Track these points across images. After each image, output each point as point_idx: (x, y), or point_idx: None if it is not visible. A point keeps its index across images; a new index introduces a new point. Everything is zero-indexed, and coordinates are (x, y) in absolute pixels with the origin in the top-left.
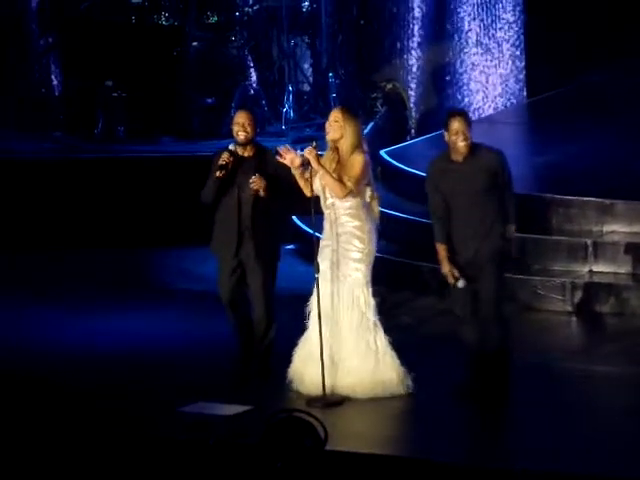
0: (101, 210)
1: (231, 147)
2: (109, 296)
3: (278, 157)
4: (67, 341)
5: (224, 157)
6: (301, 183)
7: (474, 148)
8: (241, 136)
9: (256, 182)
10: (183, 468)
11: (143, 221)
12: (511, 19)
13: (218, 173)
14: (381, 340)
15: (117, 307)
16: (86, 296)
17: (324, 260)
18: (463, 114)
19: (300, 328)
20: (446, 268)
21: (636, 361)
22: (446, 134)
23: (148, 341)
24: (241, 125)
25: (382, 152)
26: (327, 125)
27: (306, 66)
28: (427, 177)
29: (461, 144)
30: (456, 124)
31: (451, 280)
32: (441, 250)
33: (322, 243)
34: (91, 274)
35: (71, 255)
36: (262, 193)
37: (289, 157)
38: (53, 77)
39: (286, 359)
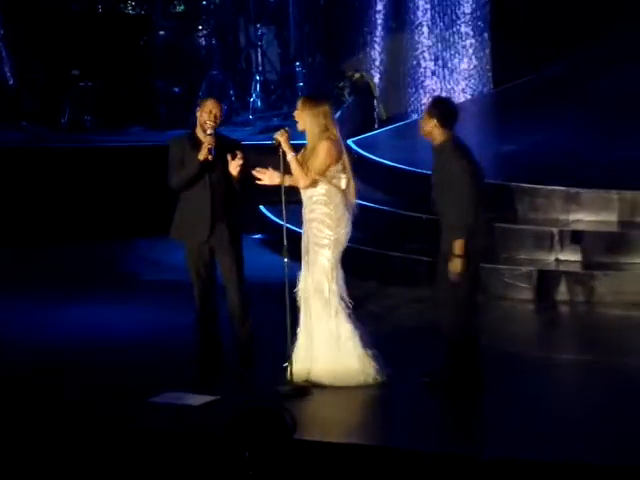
0: (69, 200)
1: (210, 131)
2: (78, 287)
3: (257, 182)
4: (35, 332)
5: (211, 141)
6: (293, 183)
7: (448, 144)
8: (210, 125)
9: (238, 163)
10: (151, 458)
11: (111, 211)
12: (477, 10)
13: (202, 157)
14: (344, 327)
15: (86, 297)
16: (55, 287)
17: (303, 247)
18: (432, 102)
19: (269, 316)
20: None
21: (603, 349)
22: None
23: (117, 331)
24: (213, 115)
25: (349, 141)
26: (295, 115)
27: (273, 55)
28: None
29: (419, 127)
30: (424, 109)
31: None
32: None
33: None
34: (60, 265)
35: (39, 246)
36: (236, 175)
37: (267, 176)
38: (20, 67)
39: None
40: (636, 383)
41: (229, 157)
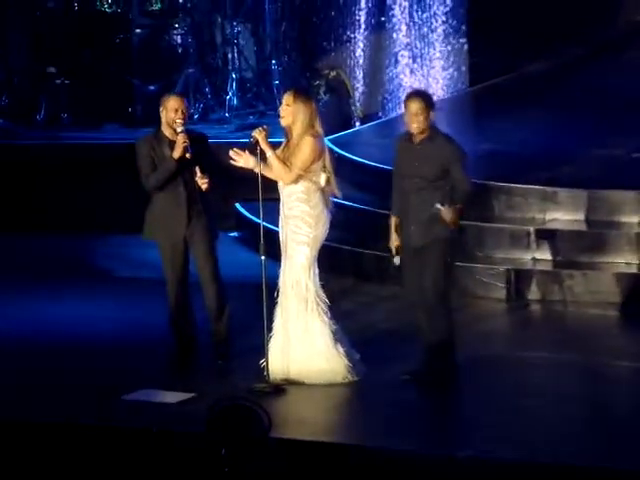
0: (43, 196)
1: (180, 129)
2: (50, 282)
3: (232, 162)
4: (6, 327)
5: (184, 139)
6: (267, 174)
7: (434, 134)
8: (179, 123)
9: (204, 182)
10: (127, 456)
11: (85, 207)
12: (454, 9)
13: (177, 155)
14: (317, 325)
15: (58, 294)
16: (26, 282)
17: (281, 244)
18: (422, 95)
19: (246, 314)
20: (390, 242)
21: (578, 348)
22: (404, 114)
23: (90, 328)
24: (180, 112)
25: (325, 140)
26: (280, 110)
27: (249, 53)
28: (394, 150)
29: (414, 126)
30: (412, 105)
31: (391, 255)
32: (391, 223)
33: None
34: (31, 260)
35: (12, 241)
36: (206, 188)
37: (243, 159)
38: None
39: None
40: (611, 382)
41: (197, 171)
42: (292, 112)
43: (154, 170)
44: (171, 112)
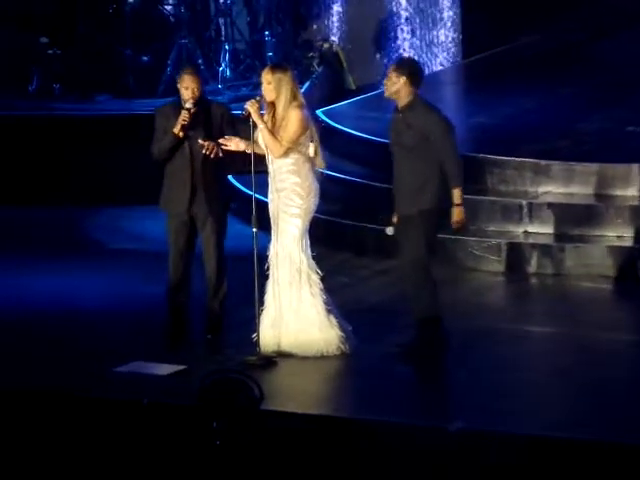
0: (37, 168)
1: (188, 105)
2: (45, 254)
3: (223, 147)
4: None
5: (185, 116)
6: (257, 151)
7: (415, 103)
8: (191, 101)
9: (208, 147)
10: (117, 428)
11: (79, 179)
12: None
13: (176, 131)
14: (309, 296)
15: (52, 265)
16: (21, 254)
17: (271, 216)
18: (398, 62)
19: (238, 286)
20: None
21: (570, 321)
22: None
23: (83, 300)
24: (191, 90)
25: (319, 112)
26: (262, 89)
27: (242, 24)
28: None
29: (384, 90)
30: (389, 70)
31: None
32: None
33: (268, 199)
34: (26, 232)
35: (6, 213)
36: (214, 154)
37: (234, 143)
38: None
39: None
40: (603, 355)
41: (200, 141)
42: (274, 88)
43: (161, 141)
44: (182, 89)
